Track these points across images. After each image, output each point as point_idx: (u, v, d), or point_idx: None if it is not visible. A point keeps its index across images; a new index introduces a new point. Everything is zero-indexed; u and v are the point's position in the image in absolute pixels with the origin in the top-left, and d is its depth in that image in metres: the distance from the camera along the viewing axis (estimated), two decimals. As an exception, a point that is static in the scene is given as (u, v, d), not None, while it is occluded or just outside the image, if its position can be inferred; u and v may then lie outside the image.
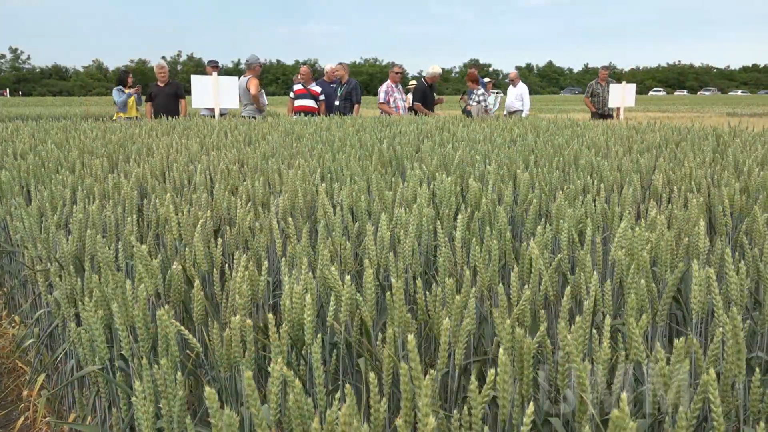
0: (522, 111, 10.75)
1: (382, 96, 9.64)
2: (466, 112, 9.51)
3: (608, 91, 10.30)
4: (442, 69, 11.54)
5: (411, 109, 9.86)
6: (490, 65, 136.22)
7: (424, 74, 10.10)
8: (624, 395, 0.95)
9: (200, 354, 1.53)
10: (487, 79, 10.87)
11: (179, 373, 1.23)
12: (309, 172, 3.30)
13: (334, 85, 9.59)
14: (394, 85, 9.62)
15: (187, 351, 1.72)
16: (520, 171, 3.12)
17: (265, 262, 1.80)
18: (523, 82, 11.34)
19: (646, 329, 1.53)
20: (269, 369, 1.09)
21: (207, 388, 0.99)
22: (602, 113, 10.43)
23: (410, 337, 0.88)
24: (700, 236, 1.71)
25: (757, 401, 1.24)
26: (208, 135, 5.31)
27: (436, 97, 10.30)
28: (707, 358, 1.26)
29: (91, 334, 1.48)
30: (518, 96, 10.93)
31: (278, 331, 1.28)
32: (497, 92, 13.42)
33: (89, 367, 1.55)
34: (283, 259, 1.68)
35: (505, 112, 10.93)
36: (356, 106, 9.42)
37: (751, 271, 1.69)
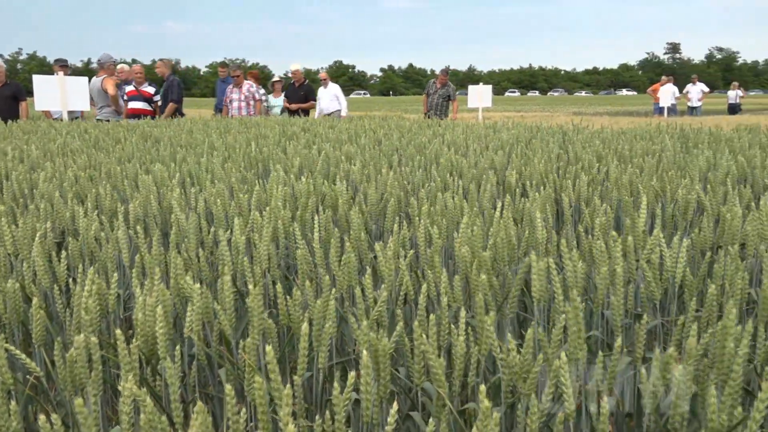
0: (339, 111, 10.43)
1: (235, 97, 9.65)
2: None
3: (439, 94, 10.59)
4: (310, 69, 11.48)
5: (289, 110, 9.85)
6: (354, 66, 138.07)
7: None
8: (483, 387, 0.99)
9: (41, 378, 1.40)
10: (276, 78, 10.78)
11: (13, 402, 1.12)
12: (168, 176, 3.15)
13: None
14: (233, 87, 9.57)
15: (27, 376, 1.57)
16: (384, 171, 3.18)
17: (116, 274, 1.69)
18: (379, 83, 11.38)
19: (497, 320, 1.61)
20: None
21: (41, 416, 0.90)
22: (433, 113, 10.67)
23: (268, 348, 0.86)
24: (537, 228, 1.83)
25: (599, 379, 1.34)
26: (53, 140, 4.90)
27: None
28: (551, 343, 1.35)
29: None
30: (332, 97, 10.58)
31: (128, 346, 1.20)
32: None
33: None
34: (133, 270, 1.58)
35: (318, 114, 10.32)
36: (170, 104, 8.98)
37: (587, 258, 1.84)
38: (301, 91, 10.15)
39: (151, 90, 8.82)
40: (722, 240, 2.00)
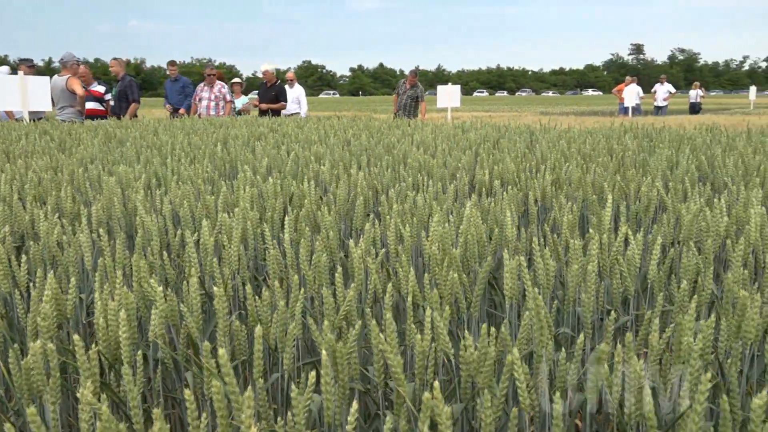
0: (299, 113, 10.41)
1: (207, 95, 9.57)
2: None
3: (408, 95, 10.64)
4: (279, 69, 11.38)
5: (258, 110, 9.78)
6: (324, 66, 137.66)
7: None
8: (436, 383, 0.99)
9: None
10: (236, 80, 10.69)
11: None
12: (133, 178, 3.09)
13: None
14: (204, 86, 9.49)
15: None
16: (353, 171, 3.17)
17: (73, 279, 1.65)
18: (345, 84, 11.35)
19: (466, 317, 1.61)
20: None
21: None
22: (402, 113, 10.72)
23: (221, 351, 0.85)
24: (507, 226, 1.85)
25: (563, 374, 1.36)
26: (15, 141, 4.78)
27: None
28: (518, 339, 1.36)
29: None
30: (294, 99, 10.56)
31: (87, 352, 1.17)
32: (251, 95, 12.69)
33: None
34: (96, 274, 1.54)
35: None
36: (132, 105, 8.88)
37: (555, 256, 1.86)
38: (272, 91, 10.08)
39: (101, 89, 8.67)
40: (681, 236, 2.04)
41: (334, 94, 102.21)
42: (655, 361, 1.21)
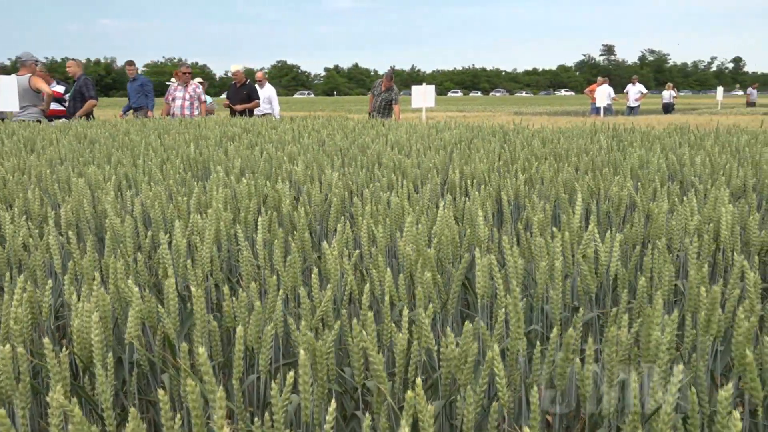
0: (271, 113, 10.25)
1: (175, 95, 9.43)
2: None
3: (383, 98, 10.65)
4: (252, 69, 11.29)
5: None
6: (298, 66, 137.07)
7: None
8: (419, 380, 1.00)
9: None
10: (198, 80, 10.53)
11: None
12: (103, 179, 3.05)
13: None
14: (180, 85, 9.38)
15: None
16: (328, 171, 3.17)
17: (50, 281, 1.62)
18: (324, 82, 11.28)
19: (439, 316, 1.63)
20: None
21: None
22: (377, 114, 10.74)
23: (201, 350, 0.85)
24: (479, 226, 1.87)
25: (537, 369, 1.38)
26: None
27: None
28: (493, 336, 1.38)
29: None
30: (265, 99, 10.45)
31: (57, 355, 1.16)
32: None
33: None
34: (66, 277, 1.52)
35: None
36: (88, 102, 8.66)
37: (527, 254, 1.89)
38: (243, 91, 10.00)
39: (60, 89, 8.53)
40: (651, 235, 2.08)
41: (308, 94, 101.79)
42: (624, 356, 1.24)
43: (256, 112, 9.99)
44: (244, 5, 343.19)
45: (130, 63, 10.17)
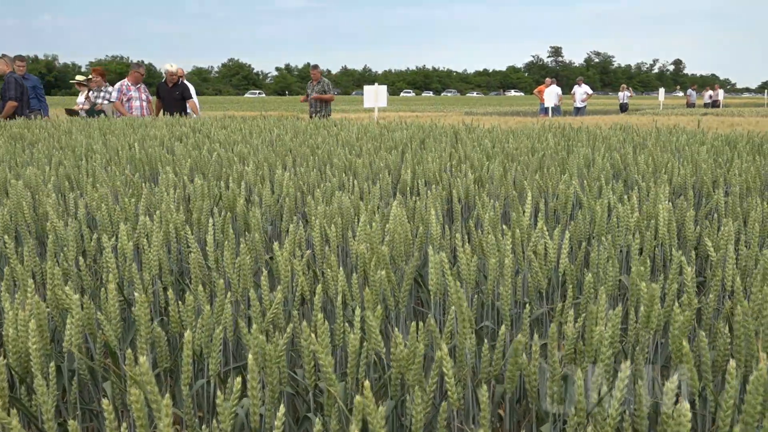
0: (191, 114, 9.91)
1: (114, 95, 9.12)
2: (95, 112, 8.98)
3: (316, 91, 10.69)
4: (201, 68, 11.06)
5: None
6: (250, 65, 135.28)
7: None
8: (367, 383, 1.00)
9: None
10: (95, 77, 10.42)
11: None
12: (43, 181, 2.94)
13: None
14: (132, 85, 9.11)
15: None
16: (279, 171, 3.13)
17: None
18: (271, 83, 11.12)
19: (394, 315, 1.63)
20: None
21: None
22: (314, 112, 10.75)
23: (142, 359, 0.83)
24: (432, 224, 1.88)
25: (486, 365, 1.40)
26: None
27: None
28: (443, 334, 1.39)
29: None
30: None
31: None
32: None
33: None
34: (2, 283, 1.46)
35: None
36: (9, 103, 8.23)
37: (478, 251, 1.91)
38: (176, 91, 9.78)
39: None
40: (596, 232, 2.14)
41: (260, 93, 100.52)
42: (569, 350, 1.26)
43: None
44: (193, 4, 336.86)
45: (21, 59, 9.52)
